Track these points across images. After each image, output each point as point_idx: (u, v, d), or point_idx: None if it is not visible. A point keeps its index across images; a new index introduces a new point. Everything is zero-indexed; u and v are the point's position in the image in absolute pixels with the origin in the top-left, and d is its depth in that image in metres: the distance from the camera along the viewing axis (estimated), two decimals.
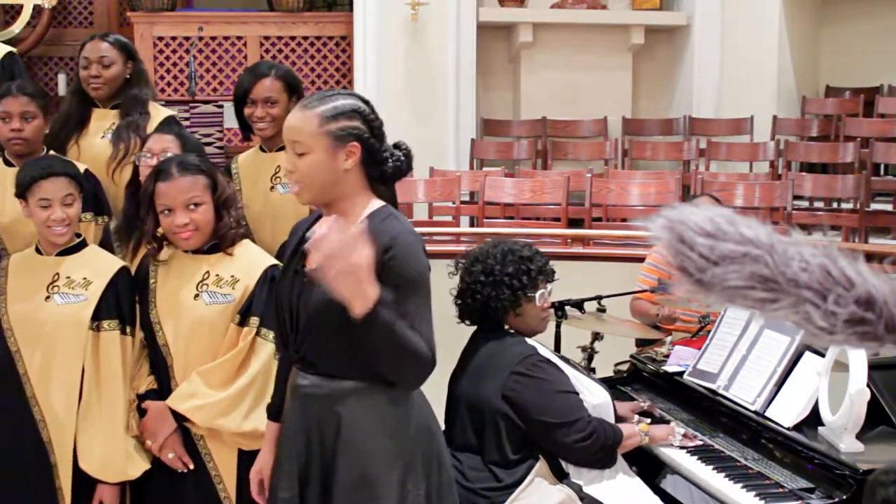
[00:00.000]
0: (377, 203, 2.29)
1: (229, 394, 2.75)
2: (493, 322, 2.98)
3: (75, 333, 2.81)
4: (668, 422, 3.19)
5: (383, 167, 2.29)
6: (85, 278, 2.85)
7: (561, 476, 2.88)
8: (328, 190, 2.25)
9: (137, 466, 2.81)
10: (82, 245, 2.93)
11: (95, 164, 3.41)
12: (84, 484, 2.82)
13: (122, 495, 2.87)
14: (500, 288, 2.92)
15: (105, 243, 3.20)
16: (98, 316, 2.83)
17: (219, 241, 2.82)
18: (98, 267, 2.89)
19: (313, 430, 2.30)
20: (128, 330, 2.85)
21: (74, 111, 3.60)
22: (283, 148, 3.36)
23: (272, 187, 3.32)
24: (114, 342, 2.82)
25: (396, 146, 2.33)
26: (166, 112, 3.66)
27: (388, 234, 2.21)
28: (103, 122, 3.57)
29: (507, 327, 2.99)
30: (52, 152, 3.39)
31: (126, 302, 2.87)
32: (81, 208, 2.95)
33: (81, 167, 3.15)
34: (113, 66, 3.56)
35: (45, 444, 2.81)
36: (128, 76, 3.60)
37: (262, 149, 3.41)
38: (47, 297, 2.84)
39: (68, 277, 2.85)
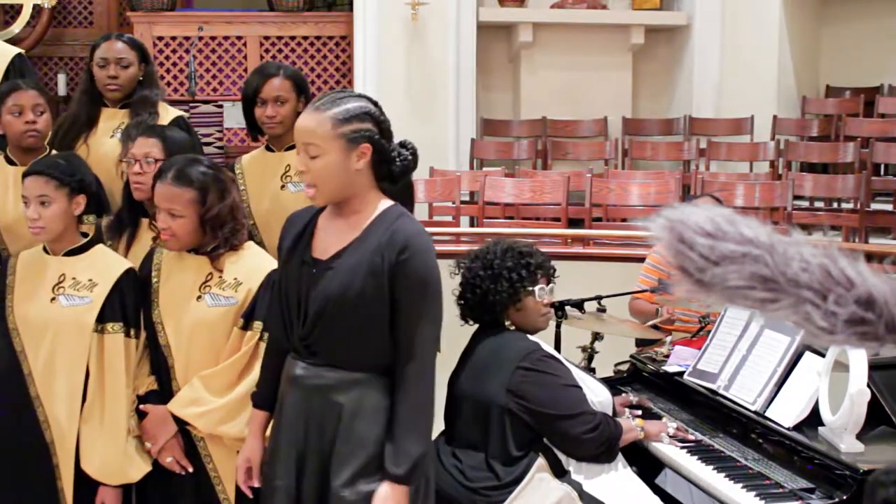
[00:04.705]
0: (387, 202, 2.36)
1: (231, 399, 2.75)
2: (493, 318, 3.00)
3: (79, 336, 2.80)
4: (660, 418, 3.20)
5: (391, 166, 2.35)
6: (90, 280, 2.83)
7: (560, 473, 2.89)
8: (342, 190, 2.31)
9: (138, 469, 2.81)
10: (89, 245, 2.91)
11: (105, 162, 3.40)
12: (86, 486, 2.81)
13: (126, 497, 2.87)
14: (500, 281, 2.95)
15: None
16: (103, 318, 2.81)
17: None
18: (103, 268, 2.87)
19: (313, 419, 2.34)
20: (132, 332, 2.83)
21: (83, 110, 3.58)
22: (292, 147, 3.37)
23: (283, 186, 3.33)
24: (118, 345, 2.81)
25: (403, 145, 2.39)
26: (175, 112, 3.65)
27: (404, 233, 2.27)
28: (112, 121, 3.56)
29: (508, 323, 3.01)
30: (54, 152, 3.38)
31: (131, 305, 2.84)
32: (85, 211, 2.92)
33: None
34: (131, 68, 3.56)
35: (49, 444, 2.81)
36: (140, 77, 3.60)
37: (269, 148, 3.42)
38: (52, 299, 2.83)
39: (74, 279, 2.84)
